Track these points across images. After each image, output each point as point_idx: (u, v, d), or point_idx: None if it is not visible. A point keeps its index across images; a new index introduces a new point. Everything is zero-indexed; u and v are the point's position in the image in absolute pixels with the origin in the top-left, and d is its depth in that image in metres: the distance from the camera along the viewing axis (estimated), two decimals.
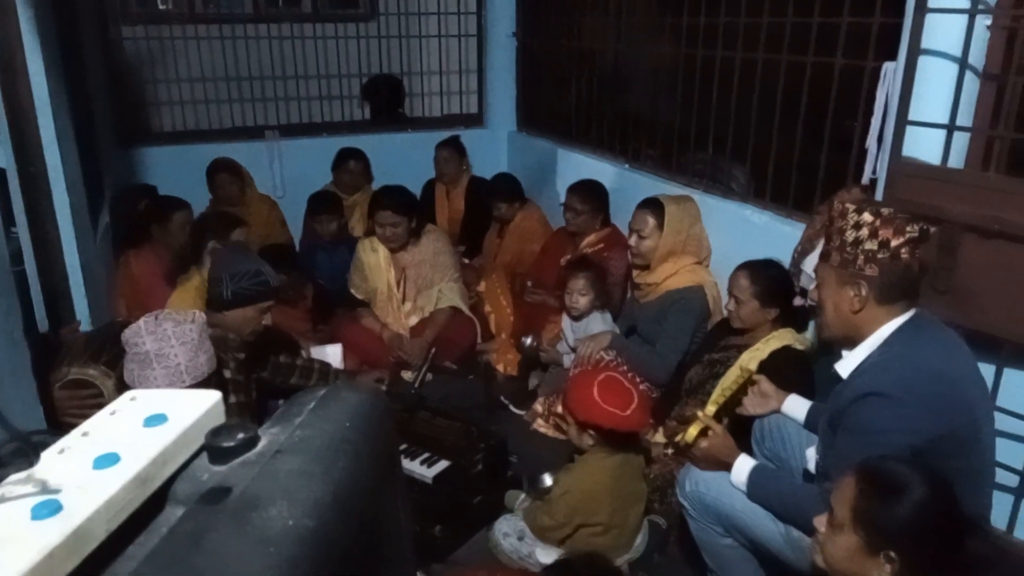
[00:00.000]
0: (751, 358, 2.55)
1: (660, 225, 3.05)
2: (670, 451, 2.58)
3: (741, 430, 2.28)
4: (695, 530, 2.12)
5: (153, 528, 0.55)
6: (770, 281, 2.60)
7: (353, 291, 3.81)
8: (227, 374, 2.39)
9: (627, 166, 3.93)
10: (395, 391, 3.16)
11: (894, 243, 1.70)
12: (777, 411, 2.24)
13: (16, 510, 0.51)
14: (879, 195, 2.34)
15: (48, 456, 0.58)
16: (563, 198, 3.77)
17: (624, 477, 2.32)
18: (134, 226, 3.73)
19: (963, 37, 2.07)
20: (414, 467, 2.56)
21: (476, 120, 5.31)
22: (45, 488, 0.53)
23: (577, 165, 4.22)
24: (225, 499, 0.55)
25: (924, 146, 2.19)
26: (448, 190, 4.71)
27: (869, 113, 2.44)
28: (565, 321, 3.39)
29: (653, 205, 3.10)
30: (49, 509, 0.51)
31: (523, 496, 2.54)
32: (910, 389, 1.63)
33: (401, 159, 4.79)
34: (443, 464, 2.58)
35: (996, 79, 2.11)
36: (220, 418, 0.67)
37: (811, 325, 2.63)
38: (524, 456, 2.89)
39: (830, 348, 2.02)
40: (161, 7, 5.26)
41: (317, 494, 0.57)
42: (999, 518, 2.09)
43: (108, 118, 4.20)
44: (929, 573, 1.37)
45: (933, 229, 1.83)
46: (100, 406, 0.67)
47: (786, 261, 2.69)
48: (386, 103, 5.25)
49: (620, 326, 3.33)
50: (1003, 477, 2.03)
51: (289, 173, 4.73)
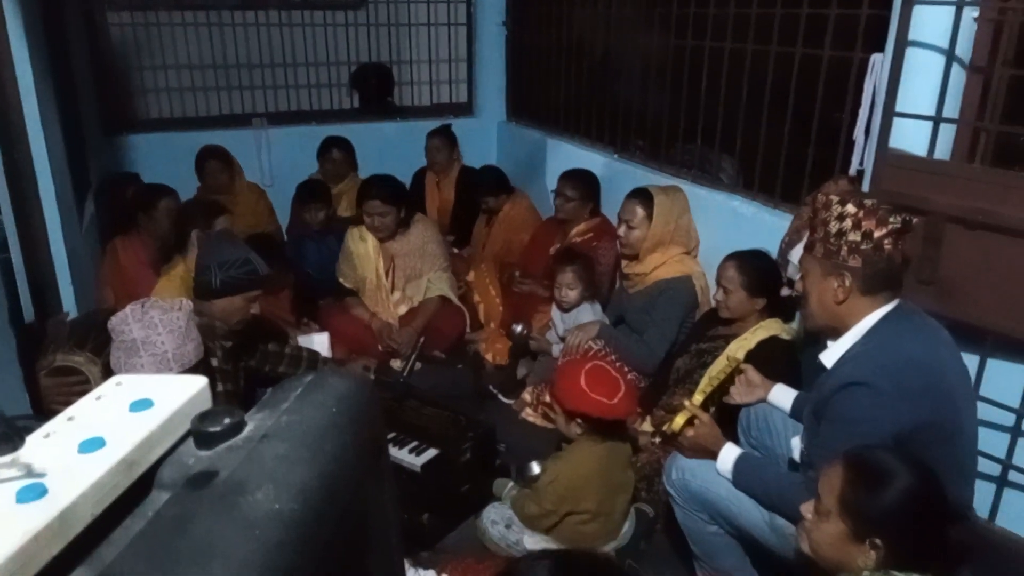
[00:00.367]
0: (738, 348, 2.57)
1: (649, 215, 3.05)
2: (657, 440, 2.60)
3: (728, 419, 2.30)
4: (681, 518, 2.14)
5: (139, 512, 0.55)
6: (758, 271, 2.61)
7: (342, 280, 3.80)
8: (214, 363, 2.37)
9: (616, 156, 3.93)
10: (383, 380, 3.16)
11: (877, 234, 1.71)
12: (763, 400, 2.26)
13: (1, 494, 0.51)
14: (866, 186, 2.35)
15: (33, 440, 0.58)
16: (552, 187, 3.77)
17: (611, 465, 2.33)
18: (121, 214, 3.70)
19: (950, 29, 2.09)
20: (403, 455, 2.56)
21: (465, 109, 5.29)
22: (30, 472, 0.53)
23: (566, 155, 4.22)
24: (211, 483, 0.55)
25: (911, 138, 2.20)
26: (439, 179, 4.69)
27: (857, 104, 2.45)
28: (554, 311, 3.40)
29: (642, 195, 3.10)
30: (34, 493, 0.51)
31: (511, 484, 2.55)
32: (892, 379, 1.64)
33: (390, 148, 4.78)
34: (431, 452, 2.58)
35: (982, 71, 2.12)
36: (206, 403, 0.67)
37: (798, 315, 2.65)
38: (512, 445, 2.90)
39: (816, 338, 2.03)
40: None
41: (303, 479, 0.57)
42: (981, 506, 2.12)
43: (93, 105, 4.16)
44: (913, 560, 1.39)
45: (916, 220, 1.84)
46: (86, 392, 0.67)
47: (774, 252, 2.70)
48: (375, 91, 5.22)
49: (608, 316, 3.34)
50: (985, 466, 2.05)
51: (277, 161, 4.70)
